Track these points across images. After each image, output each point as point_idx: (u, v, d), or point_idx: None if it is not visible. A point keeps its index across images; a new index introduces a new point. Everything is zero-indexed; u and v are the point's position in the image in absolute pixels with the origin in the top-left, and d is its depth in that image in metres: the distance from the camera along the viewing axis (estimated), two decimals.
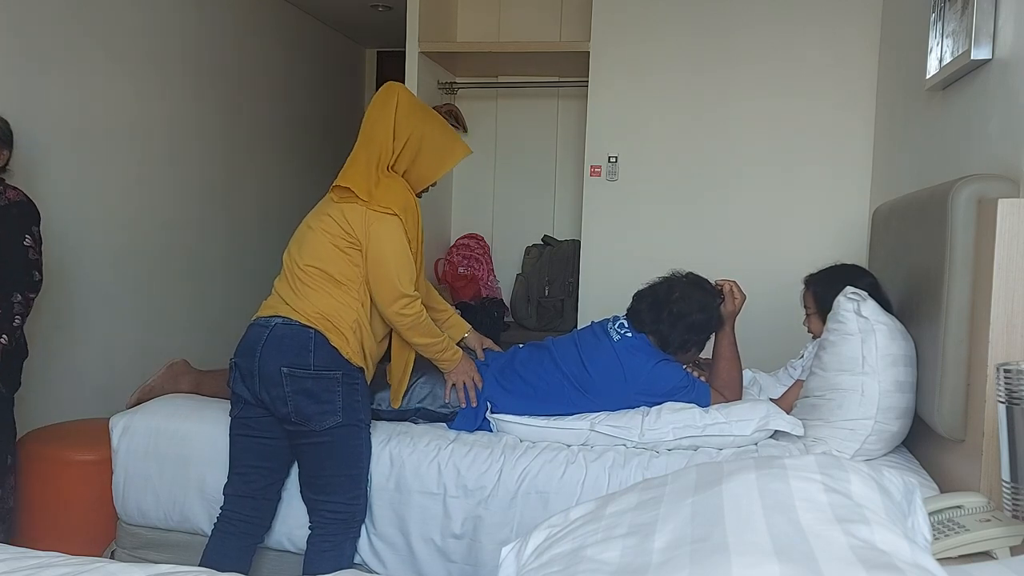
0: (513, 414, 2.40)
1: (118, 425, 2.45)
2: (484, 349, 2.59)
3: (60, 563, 1.36)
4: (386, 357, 2.37)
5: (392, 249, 2.15)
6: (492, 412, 2.41)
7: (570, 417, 2.36)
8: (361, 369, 2.20)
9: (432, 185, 2.33)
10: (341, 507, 2.18)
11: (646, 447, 2.27)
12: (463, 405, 2.41)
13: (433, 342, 2.31)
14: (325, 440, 2.14)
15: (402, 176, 2.24)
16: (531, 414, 2.38)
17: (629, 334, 2.44)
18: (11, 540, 2.46)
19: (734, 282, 2.51)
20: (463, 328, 2.60)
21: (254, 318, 2.21)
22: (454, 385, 2.40)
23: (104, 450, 2.47)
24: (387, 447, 2.29)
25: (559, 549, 1.13)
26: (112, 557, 2.46)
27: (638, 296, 2.52)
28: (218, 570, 1.40)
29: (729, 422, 2.26)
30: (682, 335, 2.44)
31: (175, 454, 2.39)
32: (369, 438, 2.25)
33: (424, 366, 2.45)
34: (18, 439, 2.63)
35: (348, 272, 2.16)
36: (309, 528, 2.20)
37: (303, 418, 2.12)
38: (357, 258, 2.16)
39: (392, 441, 2.30)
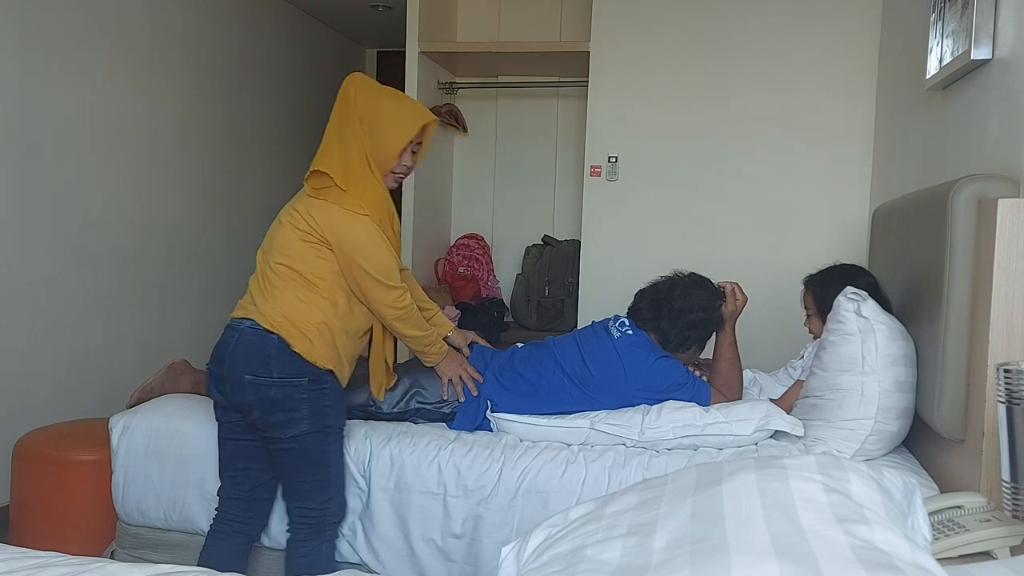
0: (513, 413, 2.40)
1: (118, 425, 2.45)
2: (471, 344, 2.59)
3: (60, 563, 1.36)
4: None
5: (371, 248, 2.12)
6: (492, 411, 2.41)
7: (570, 416, 2.36)
8: (330, 372, 2.14)
9: (404, 171, 2.22)
10: (311, 512, 2.14)
11: (646, 446, 2.27)
12: (462, 399, 2.41)
13: (423, 335, 2.32)
14: (292, 447, 2.11)
15: (367, 161, 2.14)
16: (532, 412, 2.39)
17: (630, 332, 2.45)
18: (10, 540, 2.46)
19: (736, 283, 2.51)
20: (448, 326, 2.59)
21: (229, 319, 2.18)
22: (450, 381, 2.41)
23: (104, 450, 2.47)
24: (387, 447, 2.29)
25: (559, 549, 1.13)
26: (112, 557, 2.46)
27: (640, 294, 2.53)
28: (215, 570, 1.40)
29: (729, 422, 2.26)
30: (682, 332, 2.44)
31: (175, 454, 2.38)
32: (340, 442, 2.21)
33: (423, 368, 2.45)
34: (18, 439, 2.63)
35: (318, 268, 2.11)
36: (287, 530, 2.20)
37: (269, 425, 2.10)
38: (326, 252, 2.11)
39: (392, 441, 2.30)
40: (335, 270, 2.12)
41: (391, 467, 2.27)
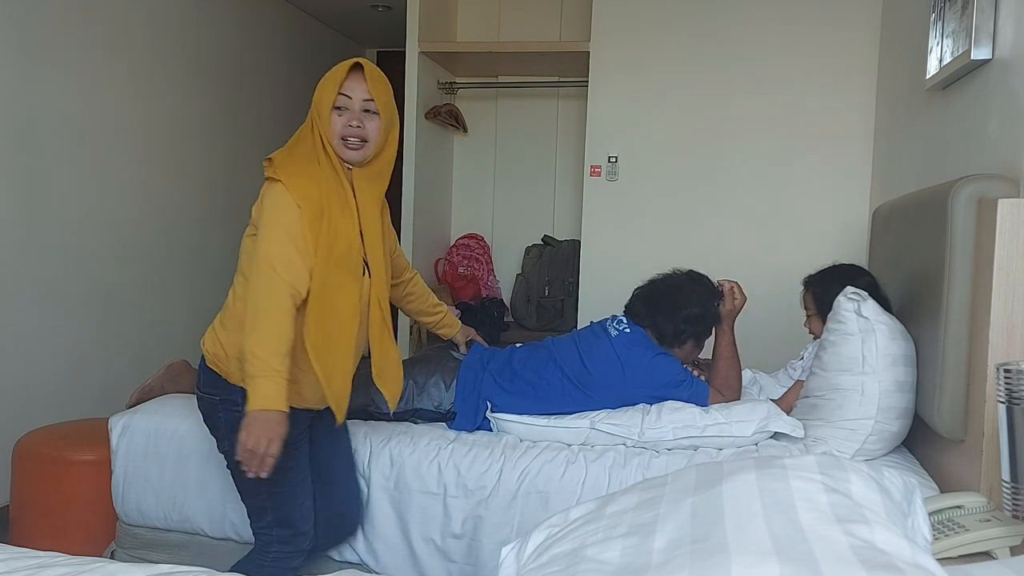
0: (513, 413, 2.40)
1: (117, 425, 2.45)
2: (470, 341, 2.57)
3: (60, 563, 1.36)
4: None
5: (269, 216, 1.82)
6: (492, 411, 2.41)
7: (570, 416, 2.36)
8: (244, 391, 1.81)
9: (355, 134, 1.90)
10: (256, 530, 2.04)
11: (646, 446, 2.27)
12: (249, 471, 1.79)
13: (257, 356, 1.75)
14: (226, 465, 2.00)
15: (318, 136, 1.92)
16: (531, 413, 2.39)
17: (627, 329, 2.45)
18: (10, 540, 2.46)
19: (735, 283, 2.51)
20: (455, 326, 2.56)
21: None
22: (245, 444, 1.76)
23: (104, 450, 2.46)
24: (387, 447, 2.29)
25: (559, 549, 1.13)
26: (112, 557, 2.46)
27: (637, 291, 2.53)
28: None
29: (729, 423, 2.26)
30: (677, 326, 2.43)
31: (174, 454, 2.38)
32: (283, 471, 1.87)
33: (422, 367, 2.44)
34: (18, 439, 2.63)
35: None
36: None
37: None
38: None
39: (392, 441, 2.30)
40: None
41: (391, 467, 2.27)
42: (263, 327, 1.77)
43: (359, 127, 1.92)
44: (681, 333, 2.46)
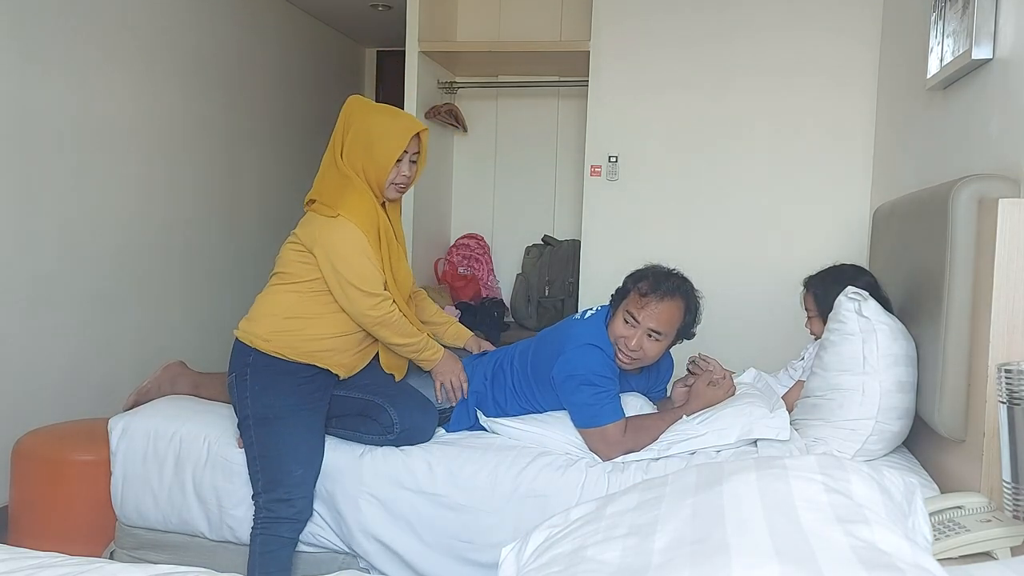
0: (499, 415, 2.40)
1: (117, 427, 2.44)
2: (483, 353, 2.58)
3: (60, 563, 1.36)
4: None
5: (348, 250, 2.18)
6: (486, 416, 2.41)
7: (564, 427, 2.33)
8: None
9: (404, 182, 2.29)
10: (253, 498, 2.26)
11: (639, 456, 2.25)
12: (453, 403, 2.42)
13: (409, 343, 2.32)
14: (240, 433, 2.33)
15: (363, 175, 2.25)
16: (514, 413, 2.39)
17: (594, 309, 2.41)
18: (9, 540, 2.46)
19: (730, 376, 2.43)
20: (464, 335, 2.62)
21: None
22: (442, 384, 2.41)
23: (103, 450, 2.46)
24: (382, 447, 2.29)
25: (559, 549, 1.13)
26: (112, 557, 2.45)
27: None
28: None
29: (712, 431, 2.22)
30: (634, 282, 2.32)
31: (174, 456, 2.38)
32: (268, 434, 2.22)
33: (414, 371, 2.46)
34: (18, 439, 2.63)
35: (299, 269, 2.24)
36: None
37: None
38: (309, 258, 2.23)
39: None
40: (316, 277, 2.22)
41: (386, 466, 2.26)
42: (394, 332, 2.27)
43: (409, 175, 2.30)
44: (623, 286, 2.35)
